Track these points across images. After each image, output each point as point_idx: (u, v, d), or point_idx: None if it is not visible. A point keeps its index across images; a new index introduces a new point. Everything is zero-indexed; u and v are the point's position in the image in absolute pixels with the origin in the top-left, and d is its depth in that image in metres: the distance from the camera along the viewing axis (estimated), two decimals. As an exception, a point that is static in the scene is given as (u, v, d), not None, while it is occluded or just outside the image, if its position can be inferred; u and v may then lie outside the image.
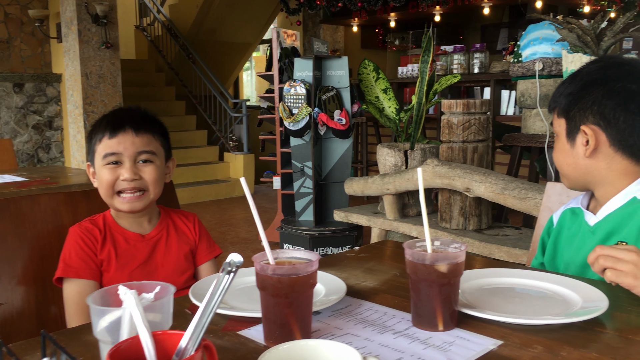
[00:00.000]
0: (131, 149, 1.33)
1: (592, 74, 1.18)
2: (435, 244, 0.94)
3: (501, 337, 0.86)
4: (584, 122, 1.17)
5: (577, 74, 1.21)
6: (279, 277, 0.83)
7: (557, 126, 1.24)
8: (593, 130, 1.16)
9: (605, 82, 1.16)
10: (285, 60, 4.62)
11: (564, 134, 1.22)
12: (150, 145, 1.36)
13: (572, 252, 1.27)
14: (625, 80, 1.14)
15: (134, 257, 1.38)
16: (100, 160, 1.34)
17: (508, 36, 7.77)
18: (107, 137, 1.34)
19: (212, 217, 5.97)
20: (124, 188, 1.33)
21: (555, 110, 1.25)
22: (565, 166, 1.24)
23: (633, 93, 1.13)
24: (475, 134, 2.95)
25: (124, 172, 1.32)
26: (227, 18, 8.43)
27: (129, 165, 1.33)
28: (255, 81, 12.21)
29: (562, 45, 3.03)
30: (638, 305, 0.98)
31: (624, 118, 1.14)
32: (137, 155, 1.34)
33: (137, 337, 0.59)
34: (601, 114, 1.15)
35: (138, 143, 1.34)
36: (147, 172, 1.35)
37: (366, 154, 6.57)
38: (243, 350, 0.84)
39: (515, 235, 2.85)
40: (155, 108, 7.75)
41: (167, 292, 0.71)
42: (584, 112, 1.17)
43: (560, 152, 1.25)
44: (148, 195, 1.37)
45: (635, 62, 1.19)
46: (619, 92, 1.14)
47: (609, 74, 1.16)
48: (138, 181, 1.34)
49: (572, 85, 1.20)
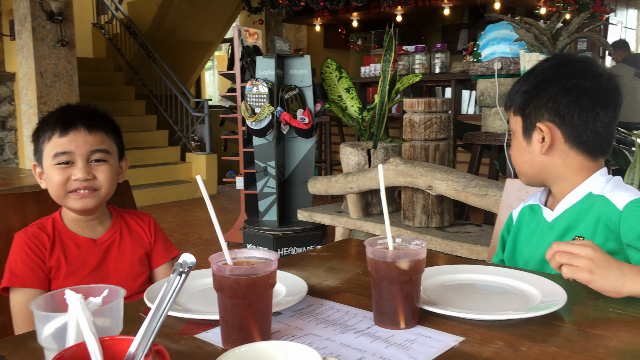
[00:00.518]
0: (84, 147, 1.27)
1: (545, 71, 1.20)
2: (397, 241, 0.94)
3: (462, 334, 0.86)
4: (540, 120, 1.18)
5: (531, 72, 1.23)
6: (237, 278, 0.80)
7: (514, 124, 1.25)
8: (548, 127, 1.17)
9: (558, 79, 1.17)
10: (247, 59, 4.57)
11: (520, 132, 1.23)
12: (103, 143, 1.30)
13: (531, 248, 1.28)
14: (578, 78, 1.16)
15: (85, 263, 1.32)
16: (49, 160, 1.27)
17: (468, 37, 7.90)
18: (57, 135, 1.26)
19: (174, 219, 5.87)
20: (76, 188, 1.27)
21: (511, 109, 1.26)
22: (522, 163, 1.25)
23: (586, 90, 1.15)
24: (436, 132, 2.97)
25: (76, 172, 1.26)
26: (188, 16, 8.31)
27: (82, 164, 1.26)
28: (218, 80, 12.08)
29: (520, 45, 3.08)
30: (595, 299, 0.99)
31: (578, 115, 1.15)
32: (90, 154, 1.28)
33: (83, 343, 0.56)
34: (556, 111, 1.16)
35: (91, 141, 1.28)
36: (101, 172, 1.29)
37: (330, 154, 6.58)
38: (200, 354, 0.81)
39: (477, 232, 2.89)
40: (114, 108, 7.59)
41: (116, 296, 0.68)
42: (539, 110, 1.18)
43: (517, 149, 1.26)
44: (100, 193, 1.31)
45: (588, 59, 1.21)
46: (572, 89, 1.15)
47: (562, 72, 1.18)
48: (91, 181, 1.28)
49: (527, 83, 1.21)
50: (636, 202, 1.09)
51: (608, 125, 1.17)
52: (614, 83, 1.17)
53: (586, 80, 1.15)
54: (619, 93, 1.18)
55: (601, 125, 1.16)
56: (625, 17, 6.97)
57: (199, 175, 0.89)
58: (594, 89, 1.15)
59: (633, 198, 1.10)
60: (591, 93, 1.15)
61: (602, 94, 1.15)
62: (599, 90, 1.15)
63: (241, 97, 4.42)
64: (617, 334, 0.85)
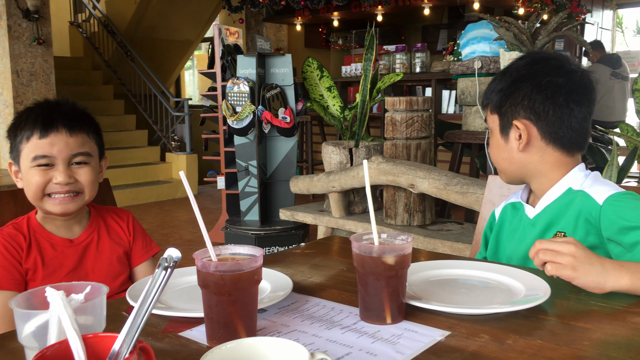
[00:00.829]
0: (65, 151, 1.22)
1: (520, 69, 1.21)
2: (382, 237, 0.93)
3: (448, 328, 0.86)
4: (516, 117, 1.19)
5: (507, 71, 1.24)
6: (222, 274, 0.79)
7: (491, 122, 1.26)
8: (525, 125, 1.18)
9: (533, 76, 1.18)
10: (227, 57, 4.54)
11: (497, 130, 1.24)
12: (85, 145, 1.26)
13: (514, 245, 1.29)
14: (552, 74, 1.17)
15: (62, 264, 1.28)
16: (28, 162, 1.22)
17: (447, 37, 7.95)
18: (36, 137, 1.21)
19: (154, 219, 5.80)
20: (56, 191, 1.23)
21: (488, 107, 1.26)
22: (501, 161, 1.26)
23: (560, 86, 1.16)
24: (418, 131, 2.98)
25: (57, 176, 1.21)
26: (168, 15, 8.23)
27: (63, 168, 1.22)
28: (198, 80, 12.00)
29: (500, 44, 3.11)
30: (577, 292, 1.00)
31: (553, 111, 1.16)
32: (72, 158, 1.24)
33: (65, 341, 0.54)
34: (531, 108, 1.18)
35: (72, 144, 1.23)
36: (82, 175, 1.25)
37: (311, 153, 6.57)
38: (184, 352, 0.80)
39: (458, 230, 2.91)
40: (92, 107, 7.46)
41: (99, 293, 0.66)
42: (515, 107, 1.19)
43: (495, 147, 1.26)
44: (83, 197, 1.27)
45: (561, 56, 1.22)
46: (547, 86, 1.16)
47: (537, 69, 1.19)
48: (73, 184, 1.24)
49: (503, 81, 1.22)
50: (616, 196, 1.11)
51: (583, 120, 1.18)
52: (587, 79, 1.18)
53: (560, 77, 1.16)
54: (593, 89, 1.19)
55: (576, 121, 1.17)
56: (601, 17, 7.09)
57: (182, 171, 0.88)
58: (568, 85, 1.16)
59: (612, 192, 1.11)
60: (565, 89, 1.16)
61: (576, 90, 1.17)
62: (573, 86, 1.16)
63: (222, 96, 4.39)
64: (599, 326, 0.86)
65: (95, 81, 8.40)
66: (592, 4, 6.66)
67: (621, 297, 0.97)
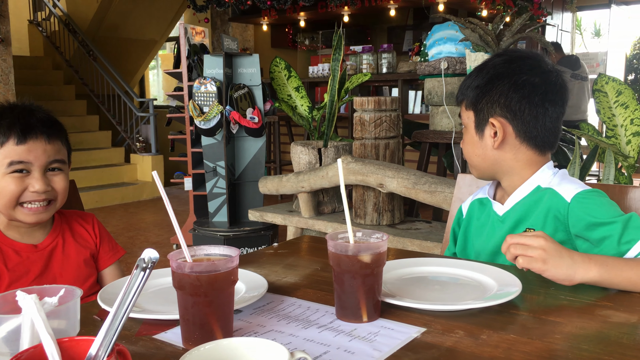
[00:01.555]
0: (43, 158, 1.20)
1: (497, 67, 1.22)
2: (357, 235, 0.94)
3: (424, 325, 0.87)
4: (492, 115, 1.20)
5: (484, 67, 1.24)
6: (198, 275, 0.78)
7: (466, 118, 1.27)
8: (501, 123, 1.19)
9: (510, 75, 1.19)
10: (194, 57, 4.49)
11: (472, 126, 1.25)
12: (60, 152, 1.25)
13: (483, 241, 1.30)
14: (529, 74, 1.19)
15: (28, 270, 1.25)
16: (2, 168, 1.19)
17: (413, 38, 8.03)
18: (13, 142, 1.18)
19: (119, 222, 5.69)
20: (32, 200, 1.21)
21: (463, 103, 1.27)
22: (474, 157, 1.27)
23: (536, 86, 1.18)
24: (386, 130, 3.01)
25: (34, 184, 1.19)
26: (131, 13, 8.09)
27: (39, 175, 1.20)
28: (162, 80, 11.83)
29: (465, 45, 3.16)
30: (547, 287, 1.03)
31: (529, 110, 1.18)
32: (48, 165, 1.22)
33: (40, 345, 0.53)
34: (507, 106, 1.19)
35: (50, 151, 1.22)
36: (58, 182, 1.24)
37: (279, 153, 6.55)
38: (160, 355, 0.78)
39: (427, 229, 2.94)
40: (53, 108, 7.19)
41: (72, 296, 0.64)
42: (491, 105, 1.20)
43: (469, 143, 1.27)
44: (55, 205, 1.26)
45: (537, 55, 1.24)
46: (524, 85, 1.18)
47: (514, 67, 1.20)
48: (49, 192, 1.22)
49: (479, 78, 1.23)
50: (583, 193, 1.13)
51: (556, 120, 1.21)
52: (561, 80, 1.21)
53: (536, 77, 1.18)
54: (566, 89, 1.22)
55: (550, 121, 1.19)
56: (561, 20, 7.27)
57: (155, 171, 0.86)
58: (544, 85, 1.18)
59: (580, 190, 1.14)
60: (541, 89, 1.18)
61: (551, 90, 1.19)
62: (548, 86, 1.18)
63: (188, 96, 4.34)
64: (570, 319, 0.88)
65: (56, 81, 8.19)
66: (553, 6, 6.83)
67: (589, 291, 1.00)
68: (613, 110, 2.78)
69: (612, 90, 2.75)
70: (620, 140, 2.77)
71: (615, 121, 2.78)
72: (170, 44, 11.16)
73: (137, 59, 8.86)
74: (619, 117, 2.78)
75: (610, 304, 0.95)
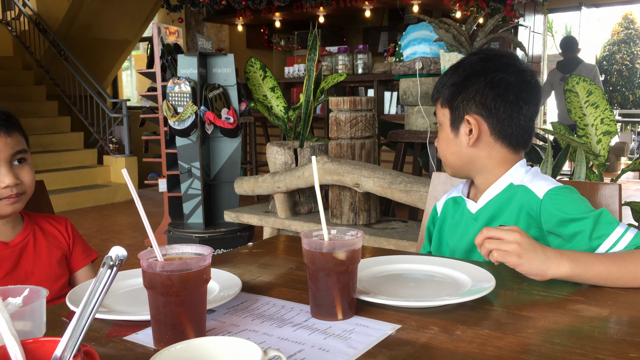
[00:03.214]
0: (6, 151, 1.21)
1: (473, 65, 1.22)
2: (332, 233, 0.93)
3: (399, 322, 0.87)
4: (468, 112, 1.21)
5: (460, 65, 1.25)
6: (169, 274, 0.77)
7: (441, 116, 1.27)
8: (476, 120, 1.20)
9: (486, 73, 1.20)
10: (167, 57, 4.44)
11: (447, 124, 1.25)
12: (20, 143, 1.25)
13: (457, 239, 1.31)
14: (504, 72, 1.19)
15: None
16: None
17: (388, 39, 8.08)
18: None
19: (92, 224, 5.60)
20: (7, 195, 1.22)
21: (439, 100, 1.27)
22: (448, 155, 1.27)
23: (511, 84, 1.19)
24: (362, 130, 3.01)
25: (4, 179, 1.20)
26: (103, 13, 7.97)
27: (6, 170, 1.21)
28: (136, 80, 11.68)
29: (439, 45, 3.19)
30: (520, 283, 1.04)
31: (504, 108, 1.19)
32: (12, 157, 1.23)
33: (3, 347, 0.51)
34: (483, 104, 1.19)
35: (11, 144, 1.22)
36: (25, 174, 1.25)
37: (254, 154, 6.52)
38: (130, 356, 0.77)
39: (402, 228, 2.95)
40: (24, 108, 7.14)
41: (37, 296, 0.62)
42: (467, 102, 1.21)
43: (444, 141, 1.27)
44: (26, 196, 1.27)
45: (512, 55, 1.26)
46: (499, 83, 1.19)
47: (489, 66, 1.21)
48: (20, 185, 1.24)
49: (455, 75, 1.23)
50: (555, 190, 1.15)
51: (530, 119, 1.22)
52: (535, 79, 1.22)
53: (512, 75, 1.19)
54: (539, 88, 1.24)
55: (524, 119, 1.20)
56: (533, 22, 7.39)
57: (125, 169, 0.84)
58: (519, 84, 1.19)
59: (552, 187, 1.16)
60: (516, 88, 1.19)
61: (525, 89, 1.20)
62: (523, 85, 1.19)
63: (162, 97, 4.29)
64: (543, 314, 0.89)
65: (26, 81, 8.02)
66: (525, 8, 6.93)
67: (561, 287, 1.01)
68: (584, 110, 2.83)
69: (582, 90, 2.79)
70: (591, 140, 2.82)
71: (586, 120, 2.83)
72: (143, 44, 11.04)
73: (109, 59, 8.73)
74: (589, 116, 2.82)
75: (582, 299, 0.96)
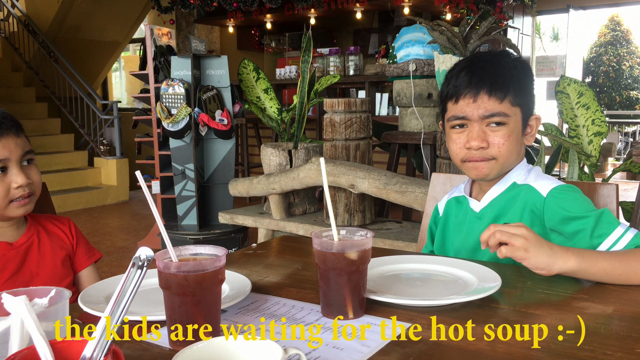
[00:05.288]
0: (16, 151, 1.23)
1: (517, 67, 1.24)
2: (342, 233, 0.94)
3: (409, 320, 0.88)
4: (532, 112, 1.26)
5: (504, 64, 1.22)
6: (185, 275, 0.77)
7: (512, 114, 1.19)
8: (536, 118, 1.26)
9: (531, 75, 1.27)
10: (160, 58, 4.43)
11: (519, 122, 1.21)
12: (27, 144, 1.29)
13: (462, 238, 1.33)
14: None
15: (5, 267, 1.26)
16: None
17: (379, 40, 8.11)
18: None
19: (84, 227, 5.56)
20: (20, 195, 1.24)
21: (508, 98, 1.18)
22: (515, 153, 1.22)
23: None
24: (357, 131, 3.03)
25: (17, 179, 1.22)
26: (93, 14, 7.92)
27: (17, 170, 1.23)
28: (126, 82, 11.63)
29: (433, 47, 3.21)
30: (524, 282, 1.05)
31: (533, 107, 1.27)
32: (22, 157, 1.26)
33: (32, 347, 0.52)
34: (533, 104, 1.25)
35: (20, 144, 1.25)
36: (34, 174, 1.28)
37: (247, 156, 6.52)
38: (147, 356, 0.77)
39: (397, 229, 2.97)
40: (13, 110, 7.07)
41: (61, 297, 0.63)
42: (532, 102, 1.25)
43: (515, 140, 1.20)
44: (36, 196, 1.30)
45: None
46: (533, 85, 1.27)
47: (525, 66, 1.26)
48: (30, 185, 1.26)
49: (509, 75, 1.20)
50: (558, 189, 1.17)
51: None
52: None
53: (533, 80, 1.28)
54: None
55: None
56: (522, 24, 7.46)
57: (138, 171, 0.85)
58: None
59: (555, 185, 1.18)
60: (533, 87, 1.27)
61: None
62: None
63: (155, 98, 4.28)
64: (549, 312, 0.91)
65: (15, 83, 7.95)
66: (514, 11, 7.00)
67: (565, 285, 1.03)
68: (575, 111, 2.87)
69: (573, 91, 2.83)
70: (582, 140, 2.86)
71: (577, 122, 2.86)
72: (133, 46, 10.99)
73: (100, 61, 8.68)
74: (580, 117, 2.86)
75: (586, 297, 0.98)
